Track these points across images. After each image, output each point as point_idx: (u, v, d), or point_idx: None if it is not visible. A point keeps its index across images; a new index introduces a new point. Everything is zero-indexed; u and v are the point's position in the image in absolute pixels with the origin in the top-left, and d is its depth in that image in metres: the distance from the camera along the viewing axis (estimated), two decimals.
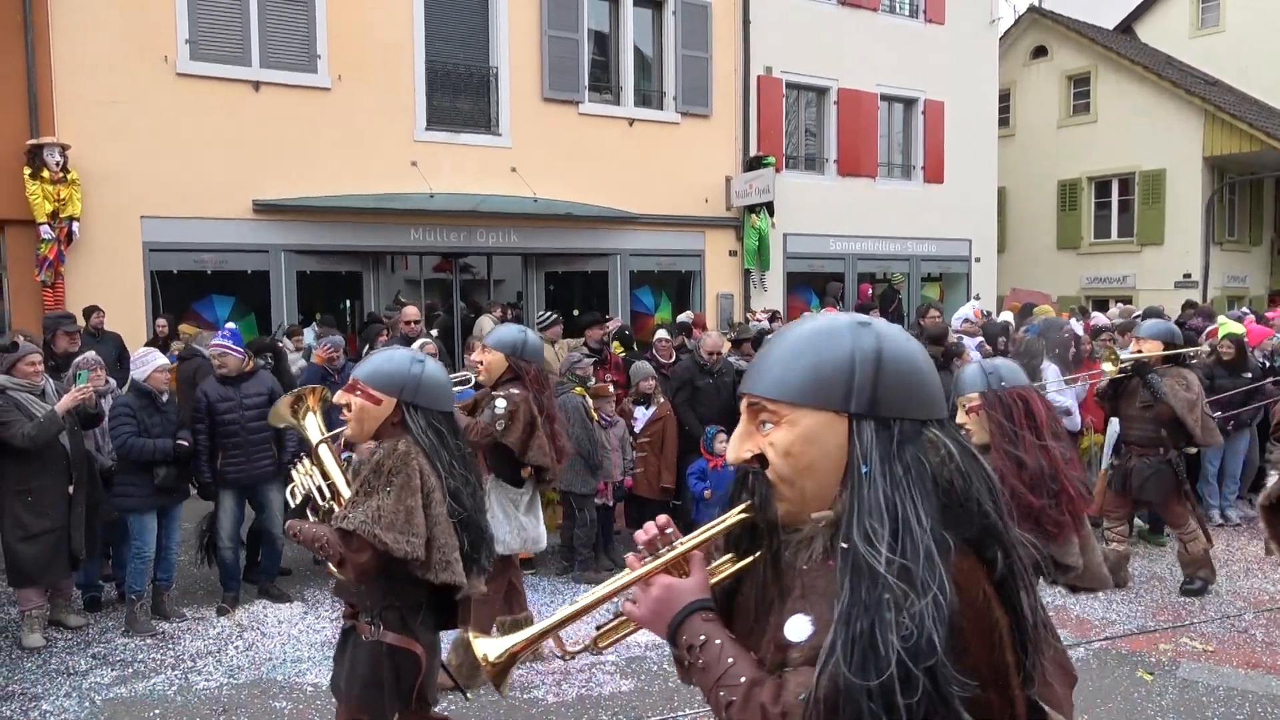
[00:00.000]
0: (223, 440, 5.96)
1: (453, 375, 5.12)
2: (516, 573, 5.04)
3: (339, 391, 2.93)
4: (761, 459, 1.31)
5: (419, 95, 11.85)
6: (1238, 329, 8.36)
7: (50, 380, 5.74)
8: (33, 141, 9.53)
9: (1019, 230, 21.38)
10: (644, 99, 13.79)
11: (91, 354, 6.18)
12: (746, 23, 14.29)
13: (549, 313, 9.07)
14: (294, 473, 3.14)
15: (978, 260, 17.33)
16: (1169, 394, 5.77)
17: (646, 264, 14.00)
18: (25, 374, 5.45)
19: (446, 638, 3.90)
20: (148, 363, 5.78)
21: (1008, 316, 11.24)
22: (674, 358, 8.41)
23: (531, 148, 12.44)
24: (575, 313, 12.40)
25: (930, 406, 1.29)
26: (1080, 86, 21.00)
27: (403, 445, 2.75)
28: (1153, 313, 9.17)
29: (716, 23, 14.07)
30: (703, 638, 1.31)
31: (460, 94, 12.34)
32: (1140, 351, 5.85)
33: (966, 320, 9.88)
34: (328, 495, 3.00)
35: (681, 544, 1.39)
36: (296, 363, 8.71)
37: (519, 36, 12.49)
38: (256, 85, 10.85)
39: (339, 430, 3.05)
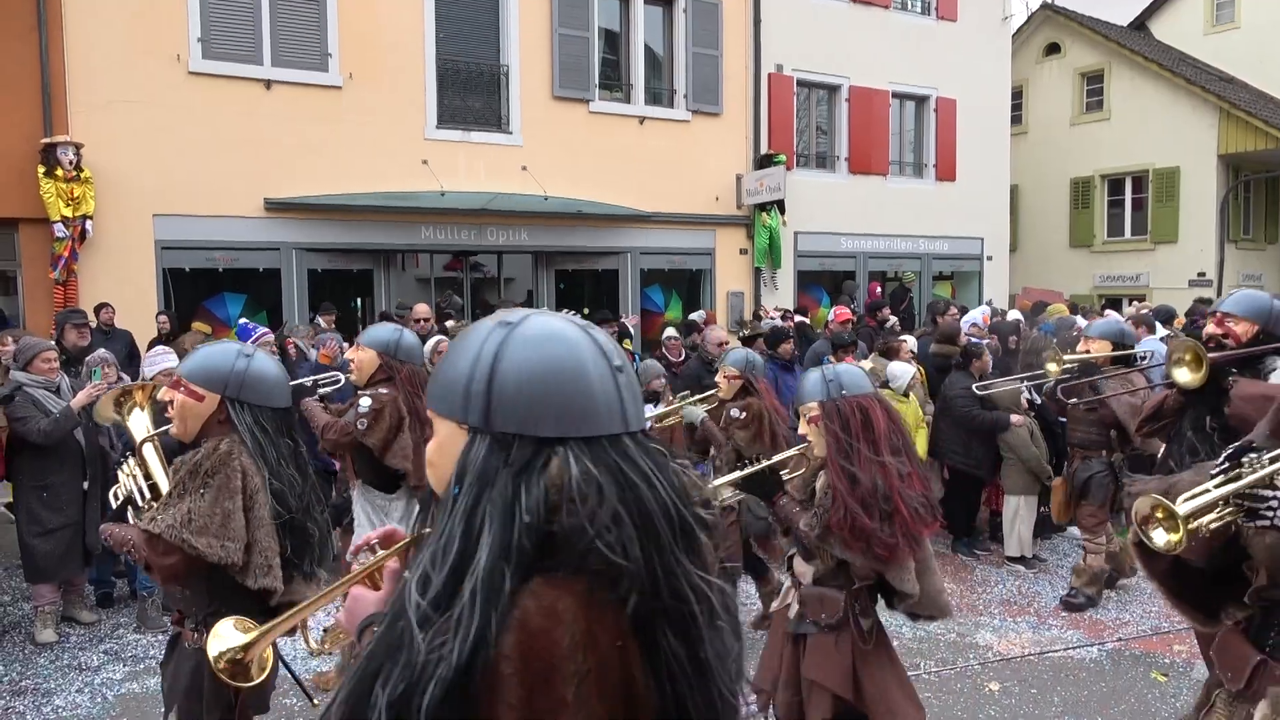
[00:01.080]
0: None
1: (322, 375, 5.11)
2: None
3: (164, 388, 2.79)
4: None
5: (430, 94, 11.87)
6: None
7: (65, 376, 5.77)
8: (46, 140, 9.58)
9: (1031, 228, 21.26)
10: (655, 97, 13.77)
11: (102, 351, 6.21)
12: (757, 20, 14.25)
13: (566, 311, 9.05)
14: (119, 472, 2.99)
15: (990, 259, 17.24)
16: (1112, 396, 5.50)
17: (657, 262, 13.98)
18: (41, 370, 5.49)
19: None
20: (156, 363, 5.78)
21: (1016, 315, 11.18)
22: (683, 357, 8.39)
23: (542, 146, 12.43)
24: (585, 311, 12.38)
25: (566, 422, 1.07)
26: (1093, 84, 20.87)
27: (224, 445, 2.62)
28: (1163, 312, 9.11)
29: (727, 21, 14.03)
30: None
31: (471, 92, 12.35)
32: (1088, 352, 5.59)
33: (974, 325, 9.82)
34: (148, 496, 2.86)
35: (378, 557, 1.42)
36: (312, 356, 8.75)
37: (529, 35, 12.48)
38: (268, 84, 10.88)
39: (165, 428, 2.88)
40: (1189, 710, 2.34)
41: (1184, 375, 3.73)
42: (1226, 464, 1.91)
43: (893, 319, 11.29)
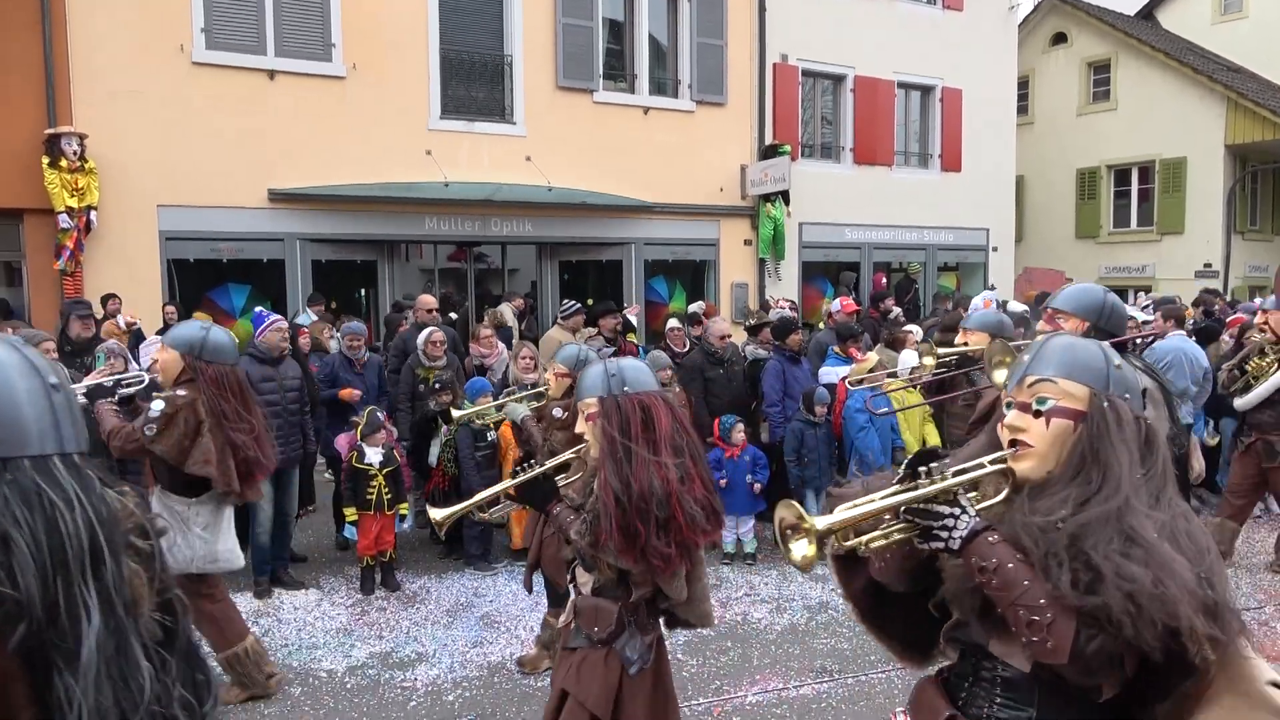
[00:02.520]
0: None
1: (125, 375, 4.88)
2: (219, 592, 4.51)
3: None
4: None
5: (433, 84, 11.84)
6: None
7: (64, 368, 5.78)
8: (50, 131, 9.58)
9: (1037, 219, 21.18)
10: (659, 87, 13.72)
11: (113, 342, 6.22)
12: (762, 10, 14.18)
13: (571, 302, 9.03)
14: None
15: (995, 249, 17.18)
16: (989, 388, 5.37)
17: (661, 253, 13.96)
18: None
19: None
20: (149, 351, 5.77)
21: (1015, 306, 11.13)
22: (687, 347, 8.38)
23: (546, 137, 12.40)
24: (589, 302, 12.36)
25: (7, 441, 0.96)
26: (1100, 73, 20.75)
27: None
28: (1166, 303, 9.04)
29: (732, 10, 13.96)
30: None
31: (475, 83, 12.31)
32: (966, 344, 5.16)
33: (976, 310, 9.77)
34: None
35: None
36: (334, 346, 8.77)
37: (533, 25, 12.44)
38: (272, 74, 10.86)
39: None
40: None
41: (1002, 376, 3.53)
42: (904, 474, 1.68)
43: (896, 310, 11.26)
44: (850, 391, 6.91)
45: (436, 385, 6.80)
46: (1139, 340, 3.69)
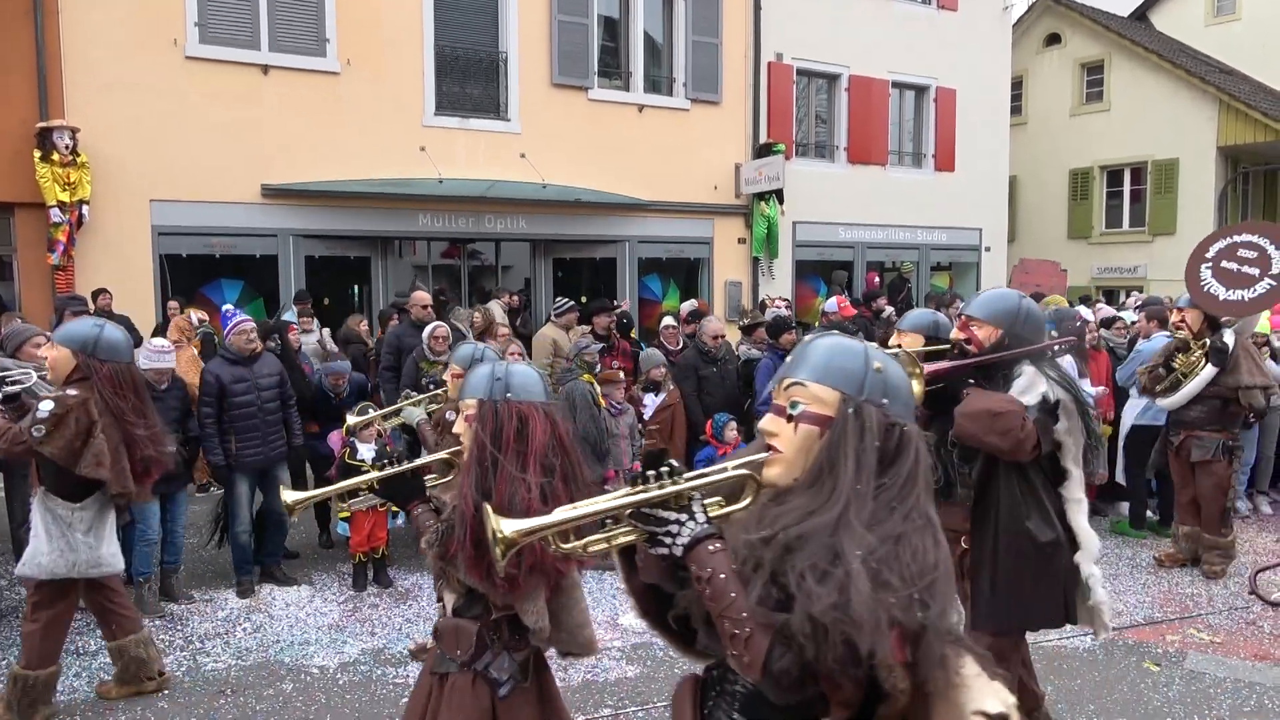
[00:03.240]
0: (237, 423, 5.90)
1: (8, 372, 4.72)
2: (106, 594, 4.43)
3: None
4: None
5: (428, 80, 11.82)
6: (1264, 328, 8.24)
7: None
8: (42, 124, 9.54)
9: (1030, 219, 21.25)
10: (654, 85, 13.72)
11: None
12: (757, 8, 14.19)
13: (564, 299, 9.04)
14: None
15: (988, 249, 17.24)
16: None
17: (655, 251, 13.96)
18: (30, 356, 5.47)
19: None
20: (153, 359, 5.71)
21: None
22: (681, 345, 8.39)
23: (541, 134, 12.39)
24: (583, 299, 12.36)
25: None
26: (1093, 74, 20.82)
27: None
28: (1153, 303, 9.07)
29: (727, 8, 13.97)
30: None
31: (469, 79, 12.30)
32: (900, 345, 4.91)
33: None
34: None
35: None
36: (309, 344, 8.73)
37: (529, 21, 12.43)
38: (265, 69, 10.83)
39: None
40: (1181, 702, 2.09)
41: (916, 387, 3.34)
42: (634, 478, 1.62)
43: (889, 309, 11.29)
44: None
45: (441, 378, 6.79)
46: (1058, 348, 3.58)
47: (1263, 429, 8.18)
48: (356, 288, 13.31)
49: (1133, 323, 8.37)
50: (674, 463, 1.64)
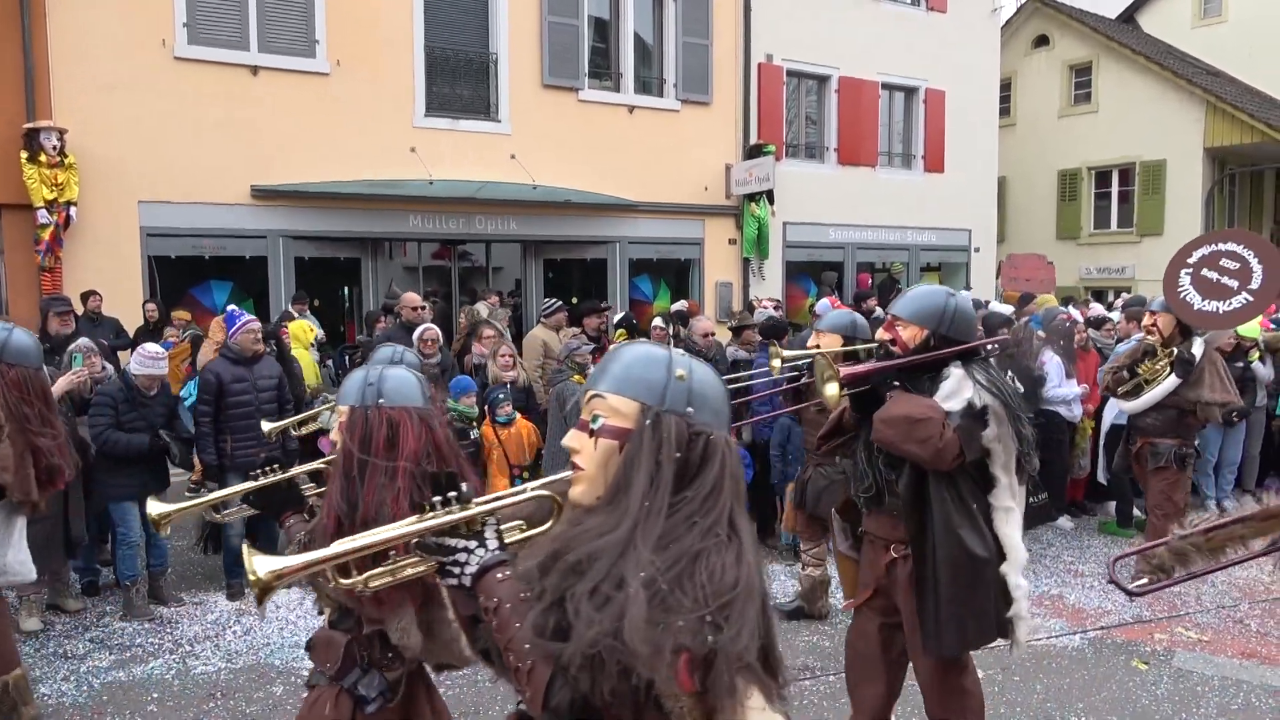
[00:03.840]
0: (233, 423, 5.88)
1: None
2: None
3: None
4: None
5: (418, 81, 11.80)
6: (1253, 332, 8.28)
7: (44, 365, 5.72)
8: (29, 125, 9.49)
9: (1019, 220, 21.35)
10: (644, 86, 13.73)
11: (85, 340, 6.16)
12: (747, 9, 14.22)
13: (553, 300, 9.04)
14: None
15: (977, 250, 17.31)
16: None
17: (646, 252, 13.97)
18: None
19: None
20: (145, 365, 5.68)
21: (998, 307, 11.20)
22: (671, 345, 8.38)
23: (531, 134, 12.39)
24: (574, 300, 12.35)
25: None
26: (1081, 76, 20.94)
27: None
28: (1134, 303, 9.12)
29: (717, 9, 14.00)
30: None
31: (460, 80, 12.28)
32: (818, 345, 4.68)
33: None
34: None
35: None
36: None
37: (519, 22, 12.42)
38: (255, 70, 10.79)
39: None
40: (1169, 701, 2.14)
41: (832, 389, 3.24)
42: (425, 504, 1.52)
43: (878, 310, 11.31)
44: None
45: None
46: (990, 347, 3.35)
47: (1249, 428, 8.25)
48: (347, 289, 13.28)
49: (1117, 323, 8.43)
50: (465, 486, 1.52)
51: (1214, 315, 5.68)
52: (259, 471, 2.70)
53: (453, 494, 1.51)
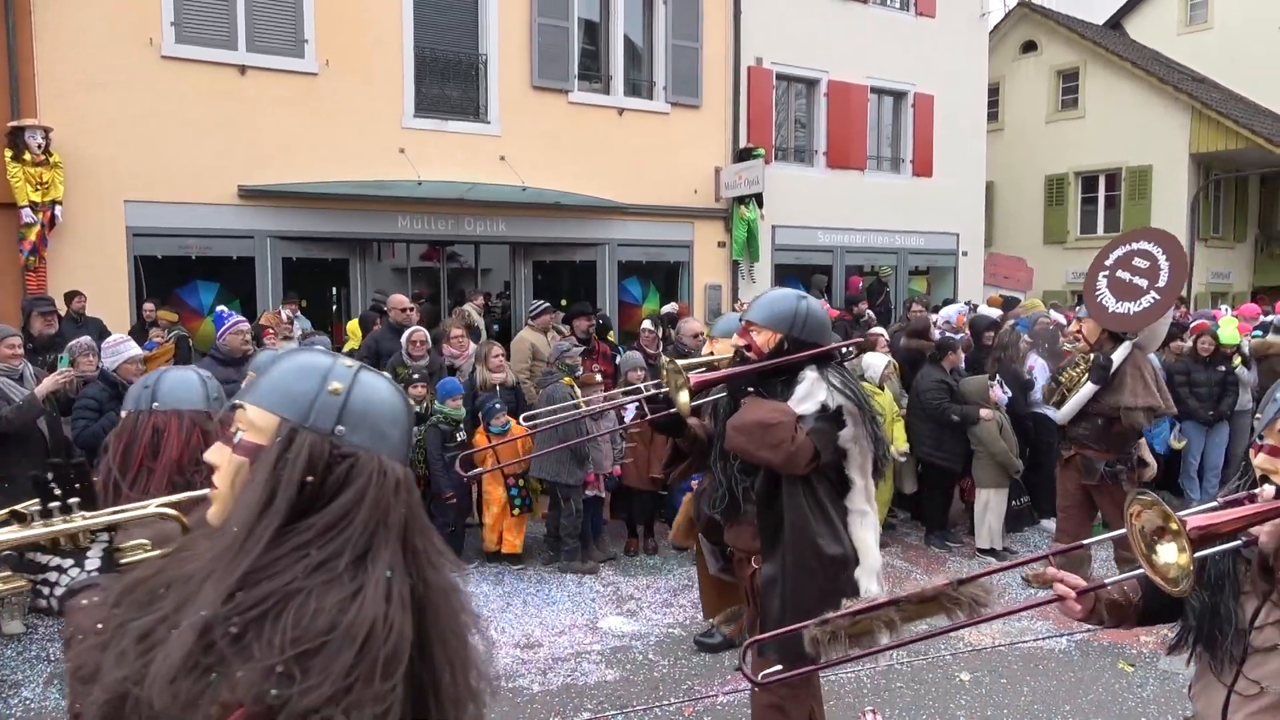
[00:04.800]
0: None
1: None
2: None
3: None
4: None
5: (407, 82, 11.77)
6: (1233, 337, 8.35)
7: (29, 364, 5.68)
8: (14, 123, 9.40)
9: (1006, 224, 21.46)
10: (634, 88, 13.73)
11: (86, 339, 6.11)
12: (737, 13, 14.25)
13: (540, 302, 9.03)
14: None
15: (965, 254, 17.39)
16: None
17: (635, 254, 13.97)
18: (4, 358, 5.39)
19: None
20: (119, 353, 5.66)
21: (987, 311, 11.26)
22: (659, 348, 8.40)
23: (520, 136, 12.37)
24: (563, 303, 12.33)
25: None
26: (1069, 82, 21.07)
27: None
28: None
29: (707, 13, 14.02)
30: None
31: (449, 81, 12.25)
32: (712, 353, 4.43)
33: (947, 322, 9.91)
34: None
35: None
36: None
37: (509, 24, 12.41)
38: (243, 69, 10.74)
39: None
40: (1155, 702, 2.08)
41: (684, 397, 3.17)
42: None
43: (869, 313, 11.36)
44: None
45: (414, 377, 6.78)
46: (846, 350, 3.31)
47: (1233, 432, 8.31)
48: (335, 290, 13.21)
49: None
50: (78, 488, 1.33)
51: (1126, 316, 5.65)
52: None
53: (56, 504, 1.30)
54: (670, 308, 11.23)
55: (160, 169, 10.25)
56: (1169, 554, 1.55)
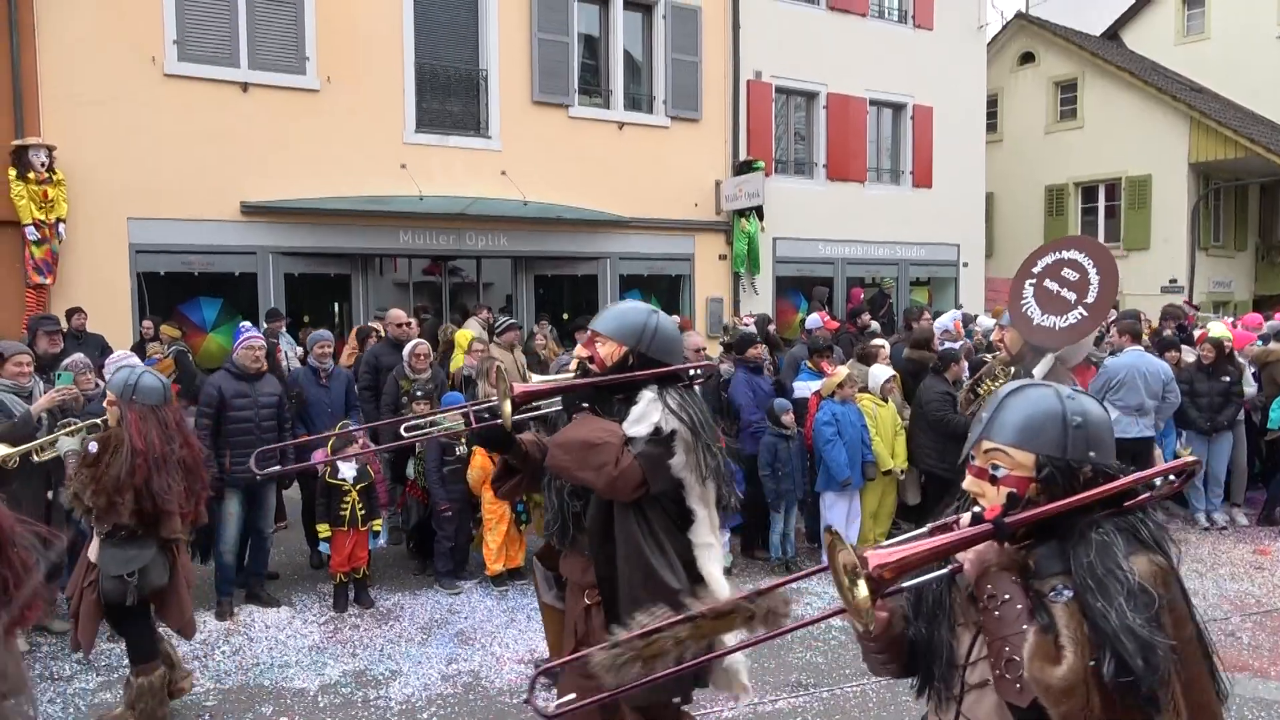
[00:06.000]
0: (233, 439, 5.84)
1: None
2: None
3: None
4: None
5: (408, 97, 11.83)
6: (1223, 333, 8.38)
7: (40, 382, 5.69)
8: (18, 142, 9.45)
9: (1006, 235, 21.48)
10: (634, 103, 13.79)
11: (80, 356, 6.12)
12: (736, 27, 14.32)
13: (506, 318, 9.10)
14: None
15: (965, 265, 17.41)
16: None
17: (636, 267, 14.00)
18: (12, 375, 5.40)
19: None
20: (112, 365, 5.68)
21: (985, 322, 11.27)
22: None
23: (521, 151, 12.42)
24: (565, 316, 12.37)
25: None
26: (1067, 92, 21.14)
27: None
28: (1126, 317, 9.17)
29: (706, 27, 14.09)
30: None
31: (450, 96, 12.32)
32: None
33: (945, 330, 9.91)
34: None
35: None
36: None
37: (509, 39, 12.48)
38: (245, 86, 10.80)
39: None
40: None
41: (507, 406, 2.93)
42: None
43: (873, 324, 11.36)
44: (821, 405, 6.97)
45: (418, 394, 6.78)
46: (694, 372, 3.06)
47: (1235, 442, 8.29)
48: (337, 305, 13.24)
49: (1108, 338, 8.48)
50: None
51: (1051, 331, 5.16)
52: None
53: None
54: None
55: (163, 186, 10.30)
56: (863, 590, 1.51)
